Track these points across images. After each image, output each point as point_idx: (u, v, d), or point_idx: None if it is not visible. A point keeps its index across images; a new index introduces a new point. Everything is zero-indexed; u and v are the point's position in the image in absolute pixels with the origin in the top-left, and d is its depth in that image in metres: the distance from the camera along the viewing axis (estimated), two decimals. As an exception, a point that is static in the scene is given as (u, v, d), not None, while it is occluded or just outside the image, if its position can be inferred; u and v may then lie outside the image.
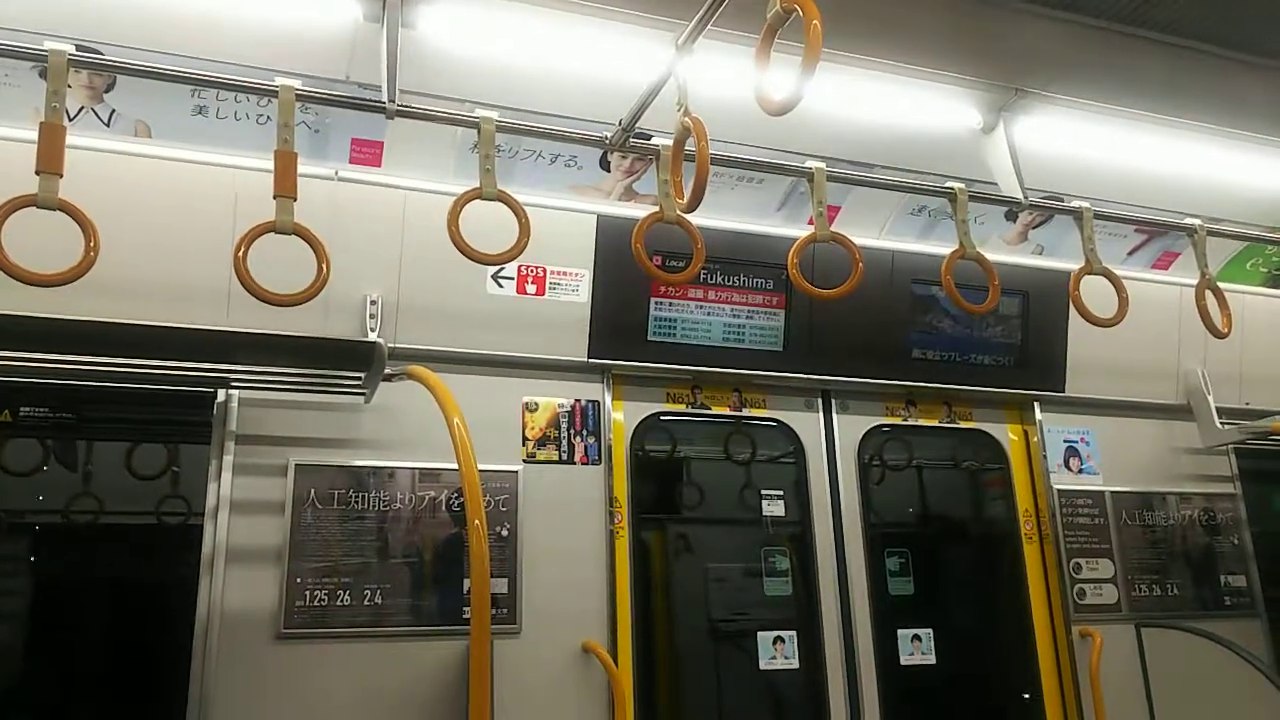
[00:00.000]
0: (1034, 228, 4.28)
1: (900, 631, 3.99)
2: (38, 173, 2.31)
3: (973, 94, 3.40)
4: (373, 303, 3.33)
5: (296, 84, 2.62)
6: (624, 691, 3.34)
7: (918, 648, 4.01)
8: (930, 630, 4.04)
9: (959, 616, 4.37)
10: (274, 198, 2.52)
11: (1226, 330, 3.56)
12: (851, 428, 4.12)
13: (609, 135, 3.01)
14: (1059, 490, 4.30)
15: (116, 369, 2.92)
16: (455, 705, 3.09)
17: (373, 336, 3.22)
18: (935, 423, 4.31)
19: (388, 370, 3.00)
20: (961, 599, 4.49)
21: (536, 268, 3.57)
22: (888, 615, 3.97)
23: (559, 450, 3.58)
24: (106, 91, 3.03)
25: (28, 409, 3.14)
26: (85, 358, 2.86)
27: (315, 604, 3.11)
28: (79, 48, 2.53)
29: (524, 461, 3.52)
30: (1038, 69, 3.39)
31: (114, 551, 3.77)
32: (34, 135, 2.33)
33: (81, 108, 3.03)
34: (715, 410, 3.97)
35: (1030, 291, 4.25)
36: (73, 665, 3.68)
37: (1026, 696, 4.12)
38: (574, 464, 3.59)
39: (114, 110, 3.08)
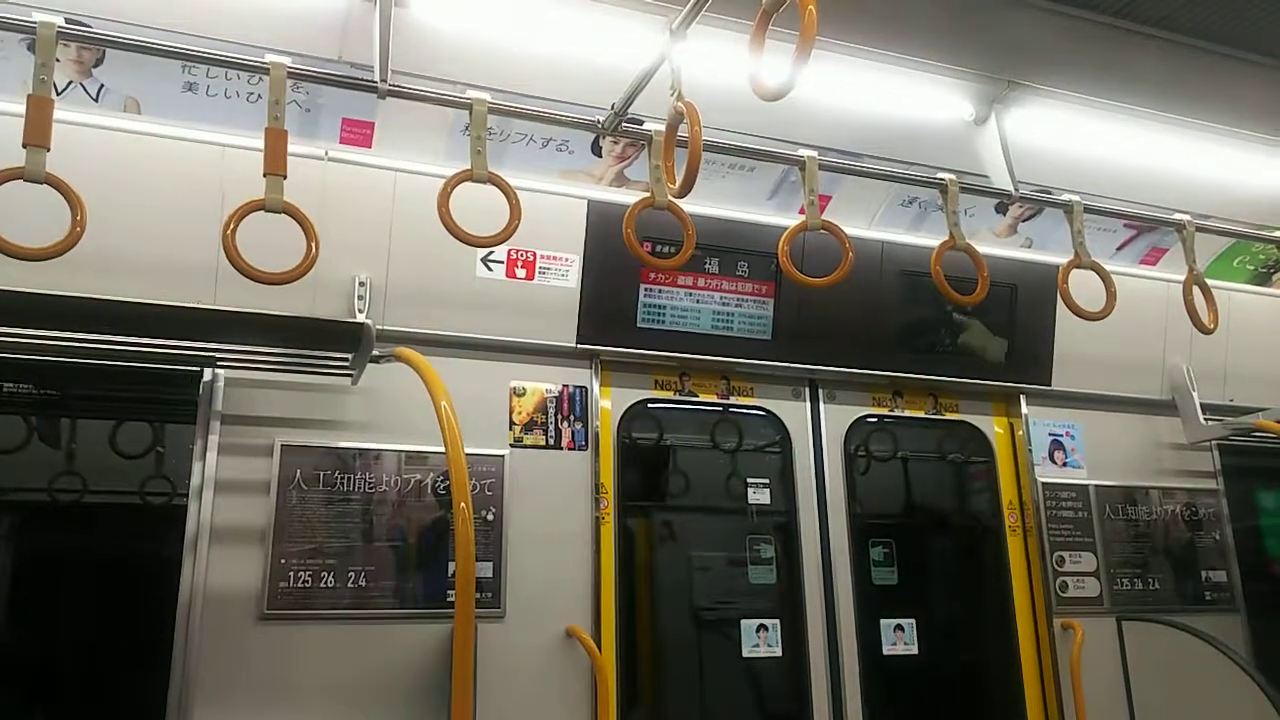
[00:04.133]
0: (1024, 220, 4.29)
1: (883, 621, 4.01)
2: (25, 146, 2.29)
3: (966, 85, 3.41)
4: (361, 284, 3.32)
5: (288, 62, 2.60)
6: (607, 677, 3.35)
7: (900, 637, 4.03)
8: (913, 620, 4.06)
9: (942, 607, 4.40)
10: (264, 176, 2.51)
11: (1213, 326, 3.58)
12: (838, 418, 4.14)
13: (601, 120, 3.00)
14: (1043, 483, 4.33)
15: (102, 346, 2.90)
16: (438, 688, 3.10)
17: (361, 318, 3.21)
18: (921, 414, 4.33)
19: (375, 352, 2.99)
20: (945, 590, 4.52)
21: (526, 252, 3.57)
22: (871, 605, 3.99)
23: (546, 435, 3.58)
24: (95, 66, 2.99)
25: (11, 385, 3.12)
26: (70, 334, 2.84)
27: (299, 585, 3.11)
28: (68, 21, 2.50)
29: (510, 446, 3.51)
30: (1031, 62, 3.39)
31: (97, 530, 3.76)
32: (21, 109, 2.31)
33: (70, 82, 3.00)
34: (703, 398, 3.98)
35: (1019, 284, 4.27)
36: (55, 644, 3.68)
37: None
38: (560, 449, 3.59)
39: (103, 85, 3.04)
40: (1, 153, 2.31)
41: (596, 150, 3.58)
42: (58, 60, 2.46)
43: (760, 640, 3.82)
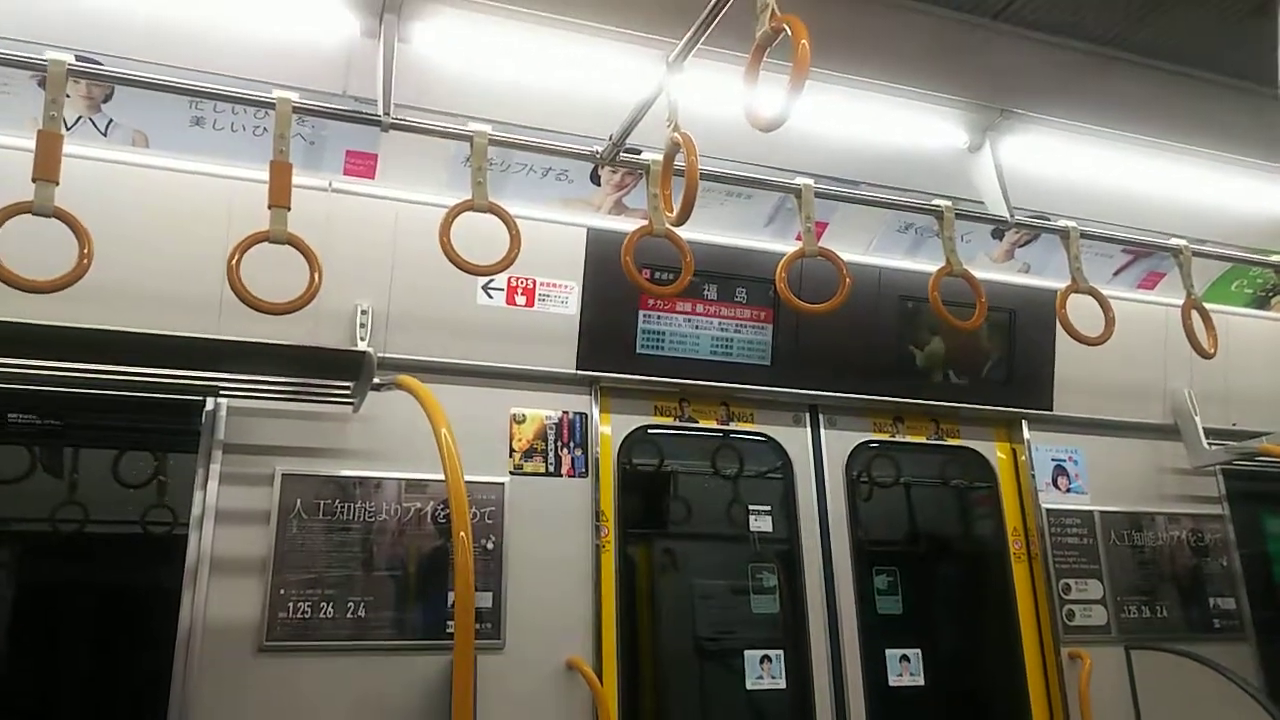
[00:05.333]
0: (1020, 246, 4.31)
1: (889, 651, 3.97)
2: (34, 180, 2.33)
3: (959, 114, 3.45)
4: (363, 312, 3.35)
5: (294, 97, 2.65)
6: (608, 710, 3.31)
7: (906, 668, 3.98)
8: (919, 651, 4.01)
9: (948, 637, 4.35)
10: (269, 208, 2.55)
11: (1213, 350, 3.58)
12: (839, 443, 4.12)
13: (600, 150, 3.05)
14: (1047, 509, 4.30)
15: (105, 376, 2.93)
16: (438, 720, 3.07)
17: (362, 346, 3.23)
18: (923, 439, 4.32)
19: (376, 380, 3.01)
20: (950, 619, 4.47)
21: (526, 279, 3.59)
22: (876, 635, 3.95)
23: (546, 462, 3.58)
24: (105, 101, 3.05)
25: (15, 415, 3.14)
26: (74, 364, 2.87)
27: (298, 616, 3.09)
28: (78, 58, 2.55)
29: (510, 473, 3.51)
30: (1023, 90, 3.44)
31: (98, 560, 3.75)
32: (32, 144, 2.36)
33: (79, 117, 3.06)
34: (703, 424, 3.98)
35: (1017, 309, 4.28)
36: (53, 675, 3.65)
37: None
38: (561, 476, 3.58)
39: (111, 120, 3.10)
40: (12, 187, 2.35)
41: (595, 179, 3.62)
42: (67, 96, 2.51)
43: (764, 672, 3.77)
